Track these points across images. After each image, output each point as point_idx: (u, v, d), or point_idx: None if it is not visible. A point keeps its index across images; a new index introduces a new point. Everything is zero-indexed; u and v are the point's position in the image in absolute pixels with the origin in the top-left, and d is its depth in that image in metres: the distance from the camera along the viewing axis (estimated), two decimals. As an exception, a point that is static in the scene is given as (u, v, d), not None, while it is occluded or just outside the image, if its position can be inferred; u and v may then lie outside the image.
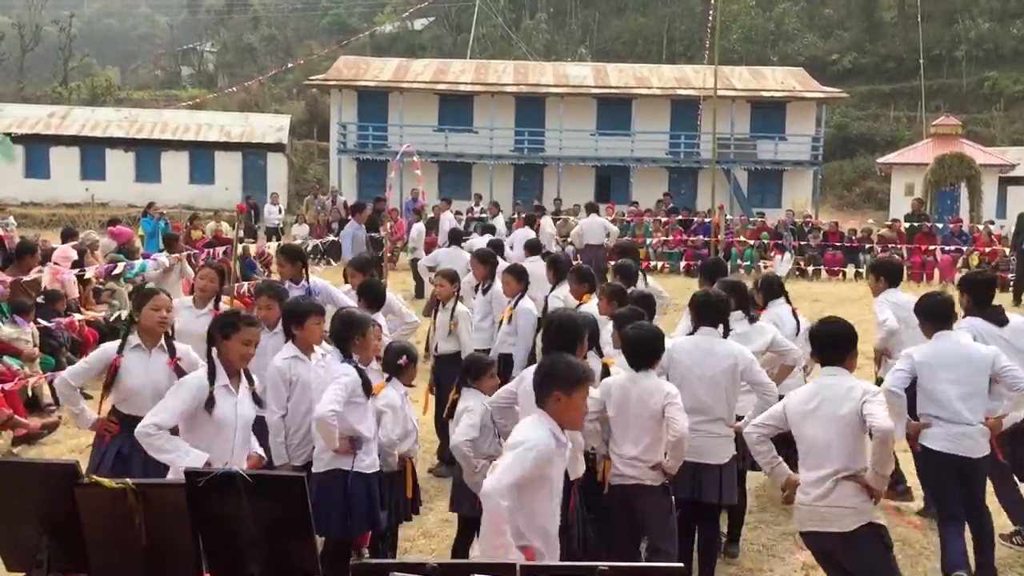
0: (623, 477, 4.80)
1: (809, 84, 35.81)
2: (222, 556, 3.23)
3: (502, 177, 33.48)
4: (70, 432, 8.19)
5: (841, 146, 44.42)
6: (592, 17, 60.13)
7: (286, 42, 63.20)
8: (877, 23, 54.41)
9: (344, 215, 25.12)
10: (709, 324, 5.30)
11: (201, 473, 3.19)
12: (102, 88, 48.10)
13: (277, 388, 5.18)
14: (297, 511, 3.16)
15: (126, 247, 14.14)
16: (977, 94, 49.08)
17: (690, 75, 35.67)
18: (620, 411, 4.80)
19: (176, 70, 65.19)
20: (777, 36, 54.62)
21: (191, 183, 35.12)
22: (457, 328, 7.41)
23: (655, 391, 4.72)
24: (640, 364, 4.82)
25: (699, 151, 33.31)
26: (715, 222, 20.12)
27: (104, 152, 35.00)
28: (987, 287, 6.06)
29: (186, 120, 37.15)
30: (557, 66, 39.13)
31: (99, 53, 65.93)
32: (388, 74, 35.66)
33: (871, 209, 37.45)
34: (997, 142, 40.37)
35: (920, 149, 33.06)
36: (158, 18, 78.50)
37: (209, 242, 17.42)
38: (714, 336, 5.27)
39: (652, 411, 4.70)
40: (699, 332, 5.32)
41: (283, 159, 36.31)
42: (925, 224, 21.67)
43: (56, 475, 3.33)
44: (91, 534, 3.28)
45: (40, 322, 9.38)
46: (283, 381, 5.18)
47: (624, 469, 4.78)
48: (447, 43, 57.35)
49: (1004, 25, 51.60)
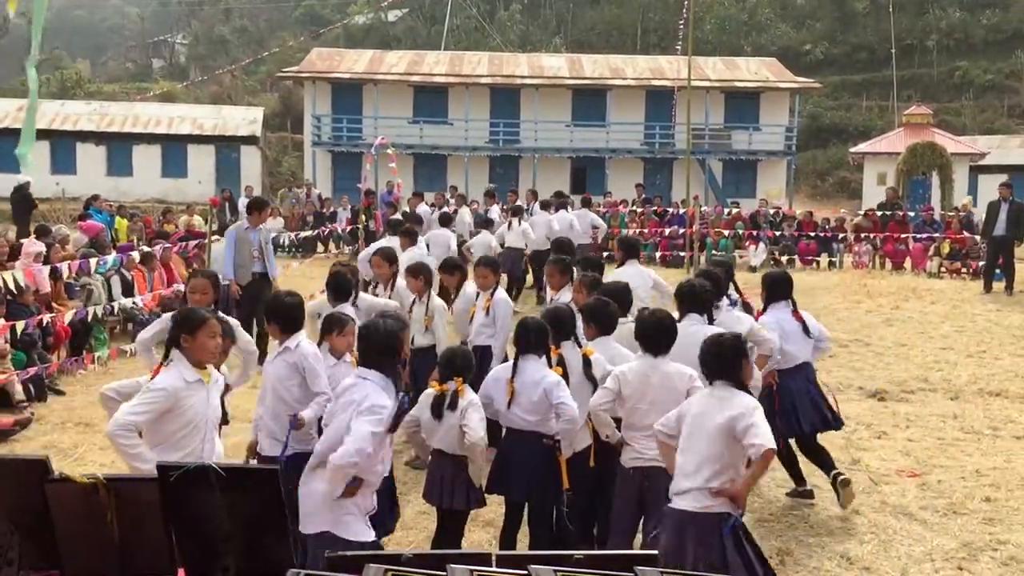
0: (642, 459, 4.85)
1: (782, 74, 36.02)
2: (196, 551, 3.20)
3: (477, 169, 33.43)
4: (42, 429, 8.11)
5: (814, 136, 44.75)
6: (566, 8, 60.12)
7: (258, 34, 62.75)
8: (849, 13, 54.79)
9: (320, 208, 25.02)
10: (695, 312, 5.53)
11: (174, 467, 3.16)
12: (72, 81, 47.53)
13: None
14: (272, 505, 3.14)
15: (97, 241, 13.99)
16: (948, 83, 49.59)
17: (664, 66, 35.77)
18: (639, 396, 4.86)
19: (147, 62, 64.58)
20: (750, 27, 54.88)
21: (163, 176, 34.83)
22: (432, 323, 7.42)
23: (677, 374, 4.82)
24: (658, 349, 4.89)
25: (674, 142, 33.45)
26: (690, 212, 20.19)
27: (75, 146, 34.63)
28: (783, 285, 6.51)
29: (158, 113, 36.81)
30: (532, 57, 39.11)
31: (69, 45, 65.11)
32: (362, 66, 35.49)
33: (844, 198, 37.77)
34: (968, 131, 40.81)
35: (892, 138, 33.38)
36: (128, 9, 77.58)
37: (182, 236, 17.29)
38: (700, 323, 5.47)
39: (677, 393, 4.74)
40: (686, 319, 5.50)
41: (256, 152, 36.06)
42: (898, 213, 21.89)
43: (26, 471, 3.29)
44: (63, 530, 3.24)
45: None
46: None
47: (644, 451, 4.84)
48: (421, 35, 57.13)
49: (974, 15, 52.13)
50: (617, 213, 23.37)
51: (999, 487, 6.79)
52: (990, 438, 8.05)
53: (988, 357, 11.43)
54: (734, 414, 4.14)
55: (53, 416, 8.54)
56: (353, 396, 4.26)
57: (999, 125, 43.89)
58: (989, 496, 6.60)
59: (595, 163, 33.98)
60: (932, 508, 6.35)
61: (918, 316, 14.29)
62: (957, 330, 13.23)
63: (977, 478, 6.98)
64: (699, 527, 4.14)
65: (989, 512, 6.30)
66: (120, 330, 12.08)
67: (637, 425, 4.88)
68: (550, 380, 4.98)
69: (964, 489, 6.63)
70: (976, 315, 14.53)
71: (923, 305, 15.39)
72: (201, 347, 4.45)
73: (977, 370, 10.65)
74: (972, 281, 18.51)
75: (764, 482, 6.93)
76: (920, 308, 15.07)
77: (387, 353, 4.40)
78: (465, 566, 2.42)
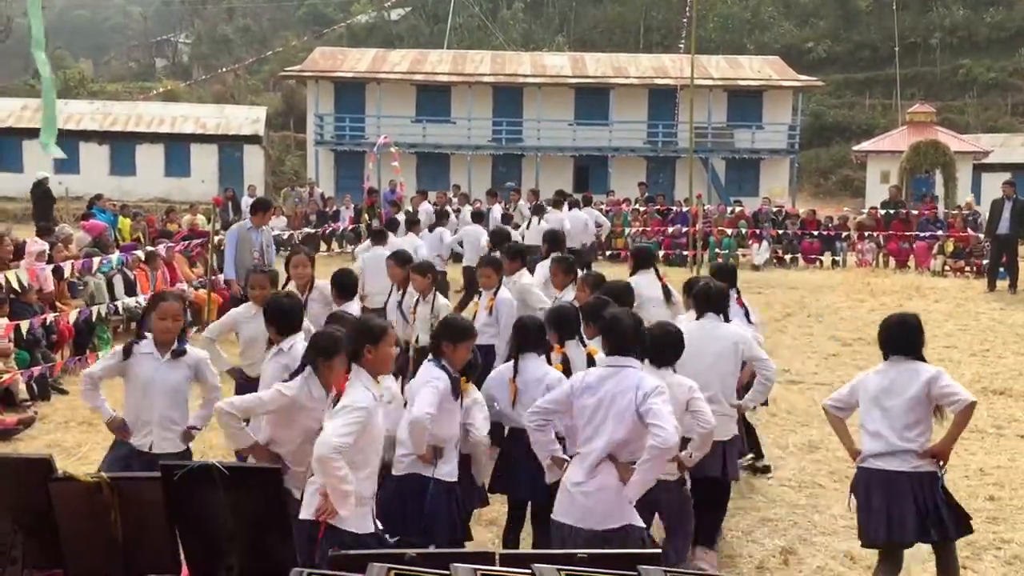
0: None
1: (785, 73, 35.96)
2: (199, 550, 3.20)
3: (480, 168, 33.41)
4: (45, 428, 8.12)
5: (817, 134, 44.66)
6: (569, 6, 60.05)
7: (261, 33, 62.75)
8: (852, 11, 54.69)
9: (323, 207, 25.03)
10: (712, 311, 5.72)
11: (178, 466, 3.16)
12: (75, 80, 47.49)
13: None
14: (275, 503, 3.14)
15: (100, 240, 14.00)
16: (951, 81, 49.46)
17: (667, 64, 35.72)
18: None
19: (150, 62, 64.59)
20: (753, 25, 54.80)
21: (167, 176, 34.81)
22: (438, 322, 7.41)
23: (678, 385, 4.74)
24: (664, 361, 4.84)
25: (677, 140, 33.41)
26: (693, 211, 20.18)
27: (78, 145, 34.55)
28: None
29: (161, 112, 36.80)
30: (535, 56, 39.08)
31: (71, 45, 65.12)
32: (365, 65, 35.48)
33: (847, 197, 37.68)
34: (971, 129, 40.72)
35: (895, 137, 33.30)
36: (131, 9, 77.59)
37: (186, 235, 17.30)
38: (717, 321, 5.67)
39: (678, 404, 4.66)
40: (704, 318, 5.71)
41: (259, 151, 36.06)
42: (901, 211, 21.86)
43: (30, 470, 3.29)
44: (66, 529, 3.25)
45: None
46: None
47: None
48: (424, 33, 57.11)
49: (978, 13, 52.00)
50: (620, 212, 23.36)
51: (1003, 486, 6.78)
52: (994, 437, 8.04)
53: (992, 356, 11.41)
54: (927, 379, 4.68)
55: (56, 415, 8.55)
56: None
57: (1002, 123, 43.79)
58: (993, 495, 6.59)
59: (598, 162, 33.94)
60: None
61: (922, 315, 14.20)
62: (961, 328, 13.21)
63: (981, 477, 6.98)
64: (914, 484, 4.63)
65: (993, 511, 6.29)
66: (123, 329, 12.08)
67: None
68: (552, 377, 4.98)
69: (968, 488, 6.61)
70: (980, 313, 14.51)
71: (927, 304, 15.37)
72: (383, 359, 4.25)
73: (981, 369, 10.63)
74: (976, 279, 18.49)
75: (766, 483, 6.94)
76: (924, 307, 15.03)
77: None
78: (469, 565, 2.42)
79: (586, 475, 4.18)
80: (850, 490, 4.92)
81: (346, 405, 3.94)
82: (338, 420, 3.90)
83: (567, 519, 4.22)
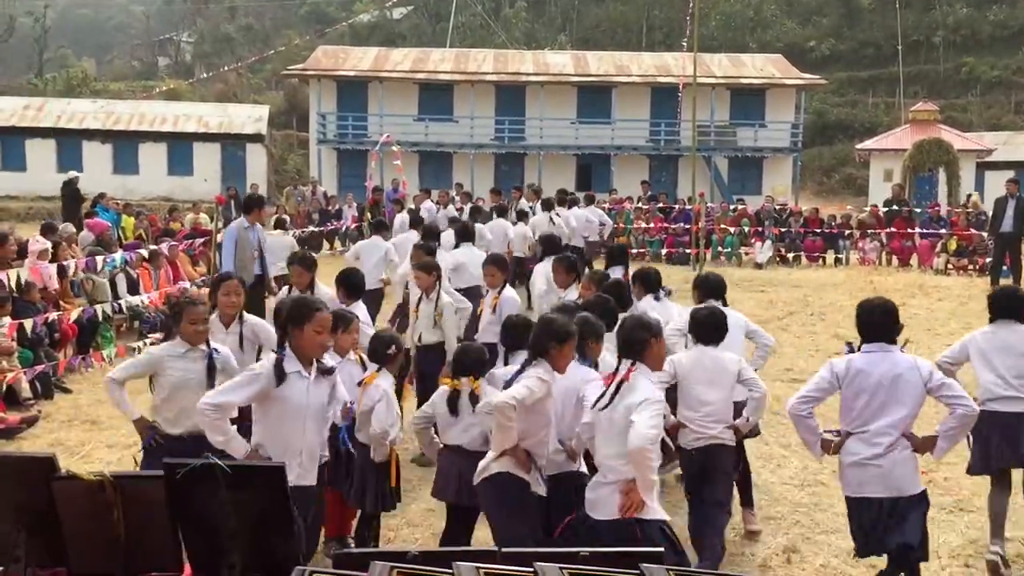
0: (703, 438, 5.21)
1: (788, 71, 35.91)
2: (202, 548, 3.20)
3: (483, 166, 33.41)
4: (49, 426, 8.13)
5: (820, 133, 44.64)
6: (572, 5, 60.06)
7: (264, 32, 62.78)
8: (855, 9, 54.65)
9: (325, 205, 25.02)
10: (713, 298, 6.16)
11: (180, 464, 3.16)
12: (78, 79, 47.57)
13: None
14: (278, 502, 3.14)
15: (103, 239, 14.02)
16: (954, 80, 49.44)
17: (670, 62, 35.70)
18: (694, 378, 5.27)
19: (153, 61, 64.64)
20: (756, 23, 54.77)
21: (169, 174, 34.84)
22: (442, 319, 7.41)
23: (727, 358, 5.32)
24: (710, 340, 5.35)
25: (679, 139, 33.38)
26: (696, 209, 20.16)
27: (81, 144, 34.64)
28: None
29: (163, 111, 36.83)
30: (537, 54, 39.05)
31: (74, 44, 65.27)
32: (367, 63, 35.47)
33: (850, 195, 37.66)
34: (974, 127, 40.67)
35: (898, 135, 33.26)
36: (134, 8, 77.69)
37: (188, 234, 17.32)
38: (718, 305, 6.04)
39: (729, 375, 5.26)
40: (706, 304, 6.06)
41: (262, 150, 36.07)
42: (904, 209, 21.82)
43: (33, 469, 3.29)
44: (69, 528, 3.25)
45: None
46: None
47: (702, 430, 5.21)
48: (426, 32, 57.15)
49: (981, 11, 51.96)
50: (623, 210, 23.34)
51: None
52: (997, 435, 8.00)
53: (995, 354, 11.37)
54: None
55: (60, 414, 8.56)
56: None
57: (1006, 121, 43.75)
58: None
59: (600, 160, 33.92)
60: (939, 505, 6.32)
61: (925, 313, 14.25)
62: (964, 327, 13.15)
63: (984, 475, 6.94)
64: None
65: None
66: (127, 328, 12.11)
67: (694, 406, 5.24)
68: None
69: (971, 486, 6.60)
70: (983, 312, 14.43)
71: (930, 302, 15.35)
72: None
73: (984, 367, 10.59)
74: (979, 277, 18.45)
75: (769, 481, 6.93)
76: (927, 305, 15.02)
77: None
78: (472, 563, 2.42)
79: (884, 449, 4.59)
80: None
81: (648, 398, 4.22)
82: (645, 414, 4.16)
83: (876, 492, 4.61)
